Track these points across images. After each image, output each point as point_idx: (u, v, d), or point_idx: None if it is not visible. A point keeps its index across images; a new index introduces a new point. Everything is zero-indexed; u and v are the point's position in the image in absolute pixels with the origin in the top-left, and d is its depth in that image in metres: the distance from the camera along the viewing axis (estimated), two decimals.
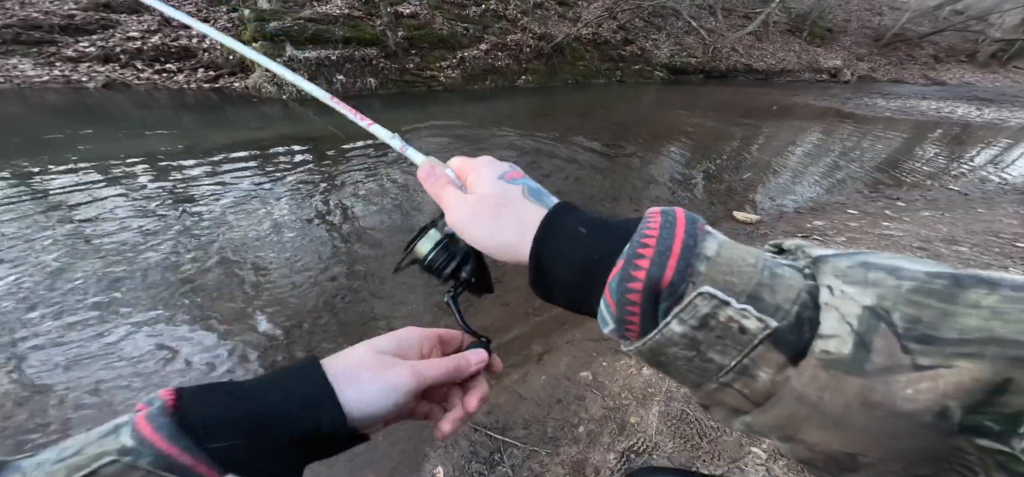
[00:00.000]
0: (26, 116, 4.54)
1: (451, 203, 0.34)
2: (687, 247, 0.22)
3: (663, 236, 0.23)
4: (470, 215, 0.32)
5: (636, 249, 0.23)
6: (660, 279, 0.22)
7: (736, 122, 7.01)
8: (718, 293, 0.20)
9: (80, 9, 6.20)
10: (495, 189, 0.32)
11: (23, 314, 1.86)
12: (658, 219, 0.24)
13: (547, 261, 0.28)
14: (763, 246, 0.25)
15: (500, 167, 0.34)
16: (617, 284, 0.23)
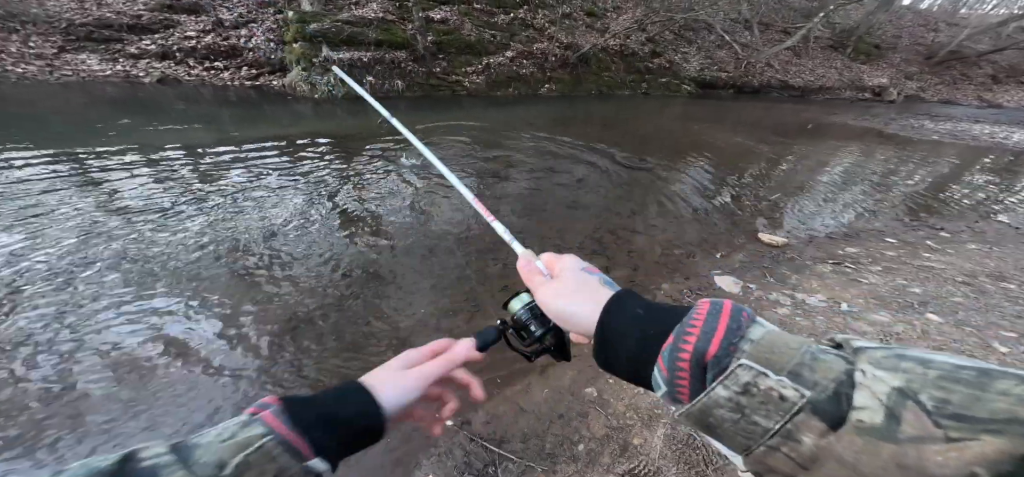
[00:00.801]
0: (87, 106, 5.01)
1: (540, 285, 0.42)
2: (730, 330, 0.27)
3: (709, 320, 0.28)
4: (555, 293, 0.39)
5: (685, 328, 0.29)
6: (705, 352, 0.27)
7: (766, 140, 6.73)
8: (756, 366, 0.25)
9: (147, 9, 6.81)
10: (578, 278, 0.40)
11: (51, 283, 2.03)
12: (706, 307, 0.29)
13: (609, 334, 0.34)
14: (823, 339, 0.29)
15: (580, 262, 0.43)
16: (668, 354, 0.29)
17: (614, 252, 2.84)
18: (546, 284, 0.41)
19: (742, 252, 3.01)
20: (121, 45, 6.44)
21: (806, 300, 2.25)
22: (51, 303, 1.92)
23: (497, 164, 4.33)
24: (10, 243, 2.27)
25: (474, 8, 9.16)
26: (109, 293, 2.00)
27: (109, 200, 2.82)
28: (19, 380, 1.58)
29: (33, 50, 5.87)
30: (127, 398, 1.56)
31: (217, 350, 1.77)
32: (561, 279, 0.41)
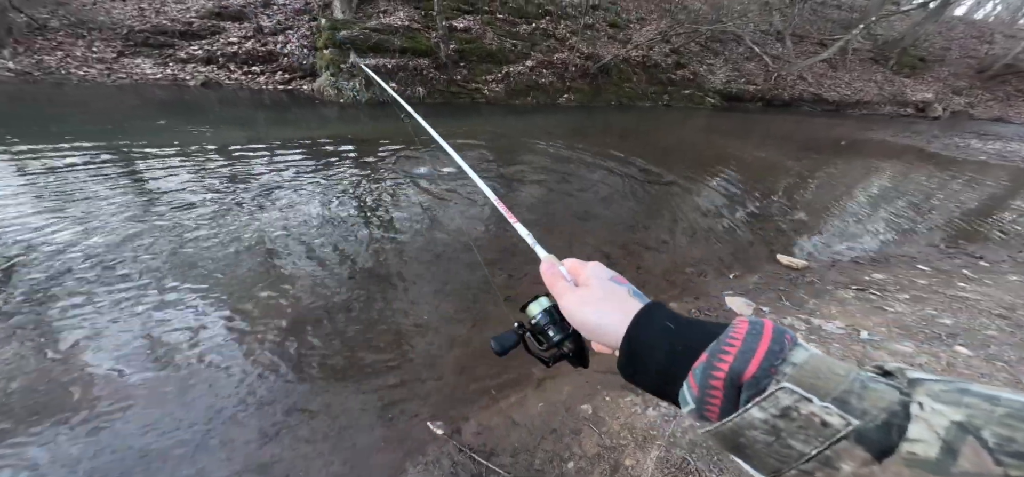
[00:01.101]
0: (139, 107, 5.46)
1: (565, 292, 0.41)
2: (771, 352, 0.26)
3: (748, 340, 0.27)
4: (581, 301, 0.39)
5: (721, 346, 0.28)
6: (742, 373, 0.26)
7: (795, 156, 6.46)
8: (798, 390, 0.24)
9: (198, 17, 7.37)
10: (606, 287, 0.39)
11: (88, 268, 2.22)
12: (744, 327, 0.29)
13: (638, 347, 0.33)
14: (869, 365, 0.28)
15: (608, 271, 0.42)
16: (701, 371, 0.28)
17: (623, 266, 2.81)
18: (571, 292, 0.40)
19: (758, 273, 2.90)
20: (172, 50, 6.98)
21: (823, 326, 2.14)
22: (84, 285, 2.08)
23: (510, 171, 4.38)
24: (53, 228, 2.50)
25: (497, 18, 9.34)
26: (138, 279, 2.16)
27: (147, 193, 3.06)
28: (45, 356, 1.74)
29: (95, 54, 6.47)
30: (146, 376, 1.68)
31: (232, 338, 1.87)
32: (588, 288, 0.39)
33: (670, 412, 1.66)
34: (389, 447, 1.47)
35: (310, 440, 1.47)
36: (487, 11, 9.29)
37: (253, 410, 1.55)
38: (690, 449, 1.46)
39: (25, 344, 1.71)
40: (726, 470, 1.37)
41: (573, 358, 0.46)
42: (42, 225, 2.46)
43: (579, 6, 10.43)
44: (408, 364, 1.82)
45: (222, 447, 1.42)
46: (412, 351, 1.89)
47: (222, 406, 1.56)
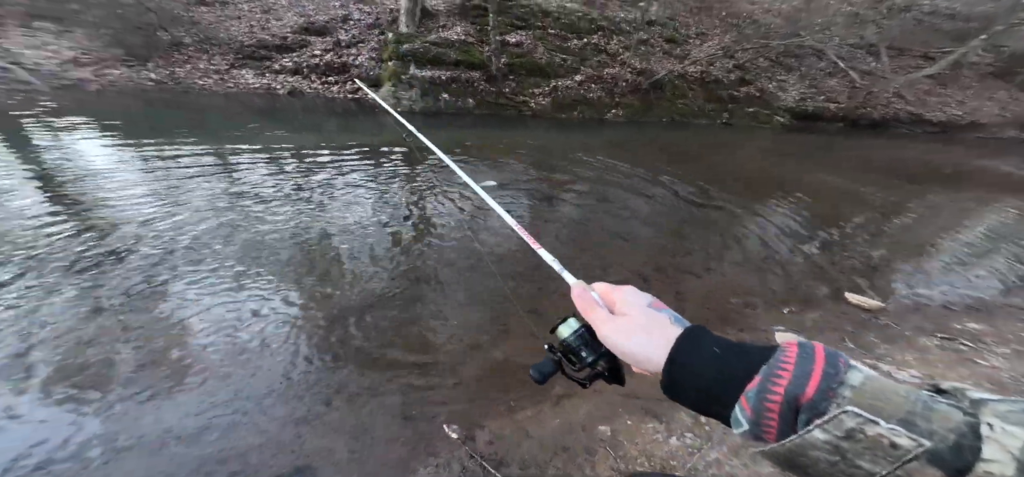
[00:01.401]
0: (241, 112, 6.48)
1: (602, 321, 0.41)
2: (827, 375, 0.27)
3: (801, 363, 0.28)
4: (624, 332, 0.38)
5: (774, 370, 0.29)
6: (799, 395, 0.27)
7: (881, 184, 5.63)
8: (863, 413, 0.24)
9: (291, 32, 8.59)
10: (646, 316, 0.39)
11: (182, 249, 2.64)
12: (794, 350, 0.29)
13: (681, 370, 0.34)
14: (924, 385, 0.29)
15: (645, 297, 0.41)
16: (755, 395, 0.29)
17: (659, 291, 2.65)
18: (610, 320, 0.40)
19: (819, 311, 2.59)
20: (269, 62, 8.19)
21: (893, 373, 1.86)
22: (178, 265, 2.48)
23: (547, 186, 4.38)
24: (160, 213, 3.02)
25: (548, 33, 9.54)
26: (219, 262, 2.51)
27: (233, 186, 3.59)
28: (147, 326, 2.10)
29: (213, 67, 7.82)
30: (217, 349, 1.95)
31: (285, 324, 2.06)
32: (628, 316, 0.39)
33: (695, 444, 1.56)
34: (404, 443, 1.53)
35: (336, 428, 1.58)
36: (539, 26, 9.55)
37: (292, 391, 1.71)
38: None
39: (129, 317, 2.04)
40: None
41: (609, 377, 0.45)
42: (152, 211, 3.01)
43: (634, 22, 10.26)
44: (432, 366, 1.89)
45: (265, 421, 1.59)
46: (437, 354, 1.96)
47: (269, 384, 1.73)
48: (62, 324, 1.92)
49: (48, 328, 1.90)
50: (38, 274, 2.21)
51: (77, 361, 1.75)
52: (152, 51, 7.55)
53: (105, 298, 2.10)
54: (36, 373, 1.69)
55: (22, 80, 6.21)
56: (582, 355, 0.45)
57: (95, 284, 2.19)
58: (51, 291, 2.10)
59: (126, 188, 3.28)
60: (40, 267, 2.26)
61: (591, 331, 0.44)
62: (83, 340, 1.85)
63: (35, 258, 2.33)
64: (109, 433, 1.48)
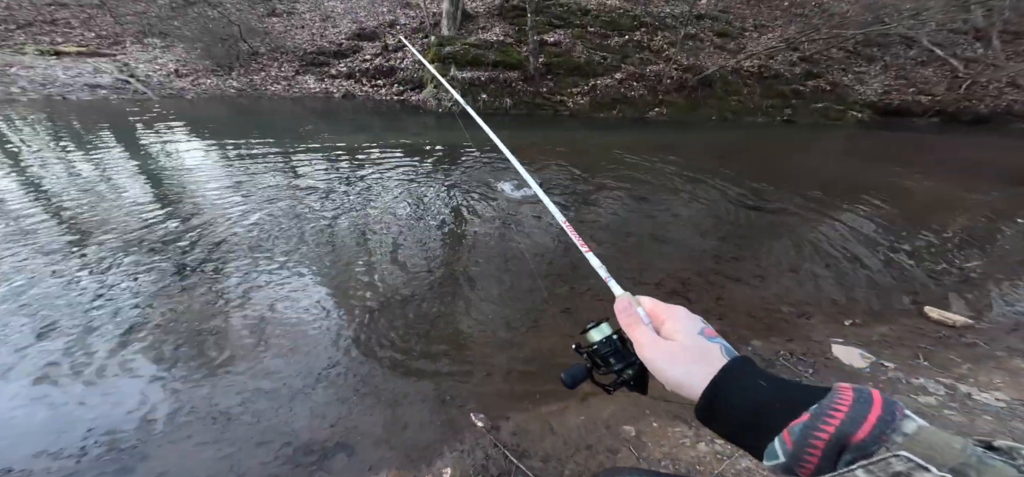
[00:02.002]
0: (301, 114, 7.16)
1: (646, 342, 0.39)
2: (883, 421, 0.27)
3: (857, 407, 0.28)
4: (668, 357, 0.37)
5: (826, 409, 0.28)
6: (850, 435, 0.27)
7: (983, 187, 4.78)
8: (916, 459, 0.24)
9: (346, 39, 9.37)
10: (697, 344, 0.37)
11: (246, 239, 2.95)
12: (850, 394, 0.29)
13: (722, 396, 0.34)
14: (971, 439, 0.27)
15: (697, 322, 0.40)
16: (801, 430, 0.29)
17: (698, 295, 2.51)
18: (655, 343, 0.39)
19: (889, 325, 2.27)
20: (327, 68, 8.98)
21: (973, 395, 1.58)
22: (241, 253, 2.80)
23: (583, 187, 4.28)
24: (229, 206, 3.41)
25: (587, 31, 9.35)
26: (278, 252, 2.77)
27: (293, 182, 3.97)
28: (215, 306, 2.37)
29: (282, 74, 8.75)
30: (274, 331, 2.16)
31: (333, 310, 2.22)
32: (678, 344, 0.38)
33: (724, 452, 1.44)
34: (434, 427, 1.60)
35: (373, 410, 1.68)
36: (578, 25, 9.39)
37: (336, 374, 1.84)
38: None
39: (200, 296, 2.31)
40: None
41: (633, 385, 0.45)
42: (222, 202, 3.40)
43: (681, 17, 9.69)
44: (464, 356, 1.95)
45: (312, 399, 1.72)
46: (469, 345, 2.03)
47: (317, 366, 1.87)
48: (131, 301, 2.21)
49: (129, 304, 2.22)
50: (132, 253, 2.61)
51: (144, 335, 1.99)
52: (234, 61, 8.64)
53: (174, 280, 2.39)
54: (127, 342, 1.96)
55: (138, 90, 7.44)
56: (611, 362, 0.45)
57: (165, 264, 2.51)
58: (135, 269, 2.45)
59: (212, 184, 3.76)
60: (136, 247, 2.67)
61: (623, 340, 0.44)
62: (151, 317, 2.09)
63: (134, 241, 2.75)
64: (175, 403, 1.66)
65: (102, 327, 1.99)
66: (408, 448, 1.52)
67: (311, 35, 9.54)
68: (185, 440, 1.51)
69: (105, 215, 3.04)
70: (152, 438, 1.52)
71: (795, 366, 1.89)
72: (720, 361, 0.35)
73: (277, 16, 9.94)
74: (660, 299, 0.43)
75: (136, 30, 9.05)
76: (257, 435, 1.54)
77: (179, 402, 1.66)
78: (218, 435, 1.53)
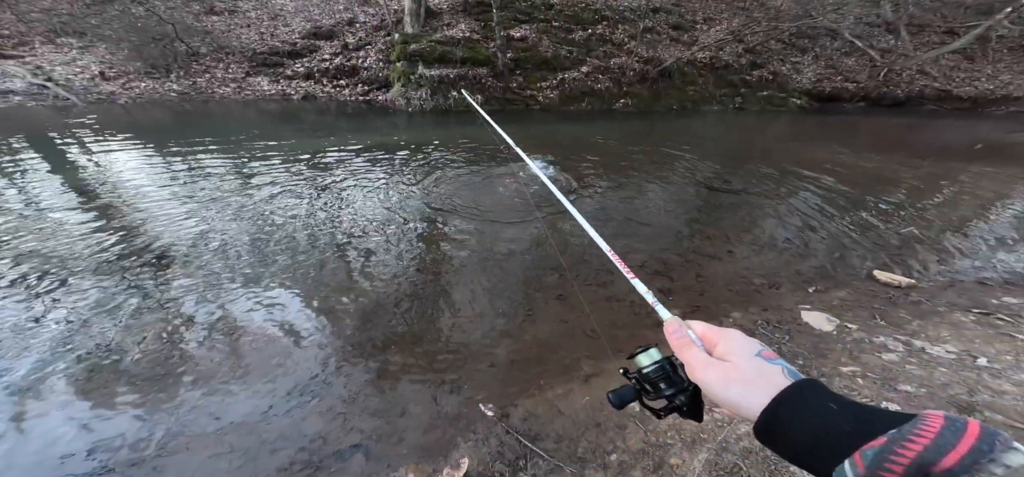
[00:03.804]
0: (257, 118, 6.65)
1: (698, 363, 0.39)
2: (978, 451, 0.25)
3: (944, 435, 0.26)
4: (724, 380, 0.36)
5: (907, 435, 0.27)
6: (934, 463, 0.25)
7: (908, 163, 5.44)
8: None
9: (300, 38, 8.78)
10: (755, 365, 0.36)
11: (215, 255, 2.75)
12: (940, 422, 0.27)
13: (789, 414, 0.32)
14: None
15: (754, 344, 0.38)
16: (874, 454, 0.27)
17: (679, 274, 2.66)
18: (710, 366, 0.38)
19: (846, 289, 2.54)
20: (282, 68, 8.38)
21: (927, 349, 1.82)
22: (212, 269, 2.60)
23: (559, 177, 4.38)
24: (191, 221, 3.15)
25: (552, 26, 9.48)
26: (234, 261, 2.62)
27: (256, 191, 3.70)
28: (187, 327, 2.20)
29: (230, 75, 8.05)
30: (227, 348, 2.06)
31: (317, 319, 2.13)
32: (734, 366, 0.37)
33: (725, 418, 1.56)
34: (444, 421, 1.61)
35: (383, 410, 1.66)
36: (543, 19, 9.50)
37: (341, 378, 1.80)
38: (743, 455, 1.36)
39: (168, 315, 2.15)
40: None
41: (686, 411, 0.44)
42: (183, 218, 3.13)
43: (638, 10, 10.11)
44: (465, 351, 1.96)
45: (320, 405, 1.67)
46: (470, 339, 2.04)
47: (321, 373, 1.82)
48: (118, 326, 2.02)
49: (100, 328, 2.00)
50: (78, 277, 2.33)
51: (139, 361, 1.85)
52: (171, 62, 7.82)
53: (149, 301, 2.20)
54: (107, 373, 1.78)
55: (60, 96, 6.52)
56: (661, 387, 0.44)
57: (137, 287, 2.30)
58: (93, 297, 2.20)
59: (162, 198, 3.41)
60: (82, 272, 2.38)
61: (673, 365, 0.44)
62: (146, 338, 1.95)
63: (71, 264, 2.45)
64: (179, 422, 1.58)
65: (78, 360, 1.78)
66: (423, 443, 1.53)
67: (260, 34, 8.85)
68: (200, 452, 1.47)
69: (38, 241, 2.67)
70: (164, 452, 1.47)
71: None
72: (783, 381, 0.34)
73: (217, 14, 9.11)
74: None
75: (45, 29, 7.89)
76: (269, 443, 1.50)
77: (186, 414, 1.60)
78: (230, 447, 1.49)
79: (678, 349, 0.42)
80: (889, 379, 1.65)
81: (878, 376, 1.68)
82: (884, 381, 1.64)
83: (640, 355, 0.46)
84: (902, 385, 1.62)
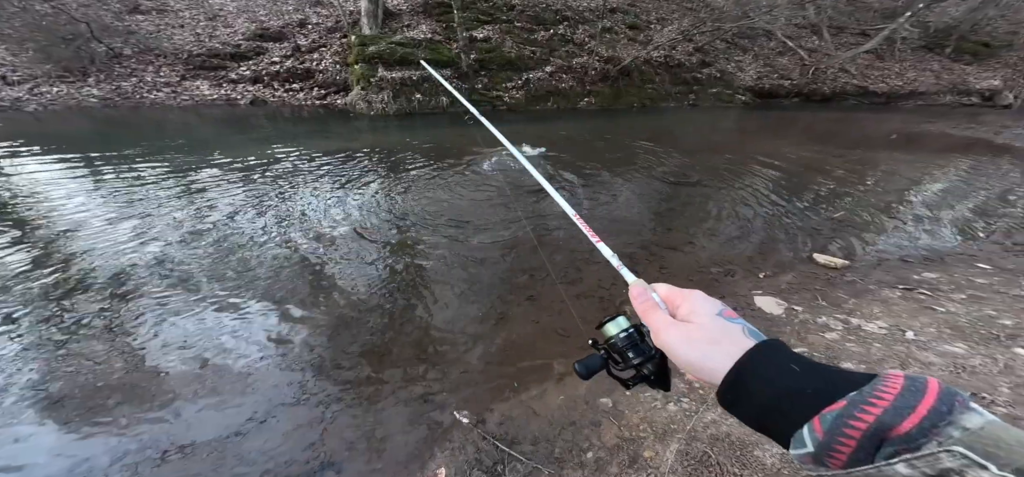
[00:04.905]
0: (198, 125, 6.08)
1: (662, 326, 0.38)
2: (937, 412, 0.24)
3: (904, 396, 0.25)
4: (686, 340, 0.35)
5: (867, 398, 0.26)
6: (892, 426, 0.24)
7: (837, 153, 6.04)
8: (974, 456, 0.21)
9: (244, 40, 8.12)
10: (716, 325, 0.35)
11: (157, 272, 2.50)
12: (900, 382, 0.26)
13: (749, 378, 0.31)
14: None
15: (716, 304, 0.38)
16: (833, 418, 0.26)
17: (644, 267, 2.78)
18: (673, 327, 0.37)
19: (791, 273, 2.77)
20: (225, 72, 7.71)
21: (862, 326, 2.02)
22: (156, 287, 2.35)
23: (528, 176, 4.46)
24: (128, 238, 2.83)
25: (515, 26, 9.53)
26: (184, 282, 2.40)
27: (200, 201, 3.40)
28: (126, 352, 1.98)
29: (163, 79, 7.28)
30: (190, 371, 1.88)
31: (281, 337, 2.04)
32: (697, 325, 0.36)
33: (692, 408, 1.63)
34: (419, 432, 1.57)
35: (354, 425, 1.60)
36: (505, 20, 9.52)
37: (309, 396, 1.71)
38: (712, 443, 1.43)
39: (104, 341, 1.95)
40: (748, 465, 1.33)
41: (654, 381, 0.43)
42: (122, 237, 2.81)
43: (597, 10, 10.43)
44: (438, 359, 1.92)
45: (287, 425, 1.58)
46: (440, 347, 2.00)
47: (287, 392, 1.72)
48: (56, 356, 1.76)
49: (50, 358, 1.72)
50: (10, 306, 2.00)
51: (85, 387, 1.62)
52: (88, 65, 6.93)
53: (98, 327, 1.95)
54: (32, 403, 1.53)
55: None
56: (629, 356, 0.43)
57: (69, 312, 2.02)
58: (24, 326, 1.90)
59: (85, 214, 3.03)
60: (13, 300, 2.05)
61: (640, 333, 0.43)
62: (95, 367, 1.74)
63: None
64: (148, 446, 1.49)
65: None
66: (398, 456, 1.49)
67: (196, 35, 8.08)
68: None
69: None
70: None
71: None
72: (744, 341, 0.33)
73: (143, 13, 8.21)
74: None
75: None
76: (236, 466, 1.43)
77: (151, 448, 1.49)
78: (195, 472, 1.40)
79: (643, 313, 0.40)
80: (832, 358, 1.82)
81: (823, 356, 1.84)
82: (828, 360, 1.80)
83: (608, 324, 0.45)
84: (844, 363, 1.79)
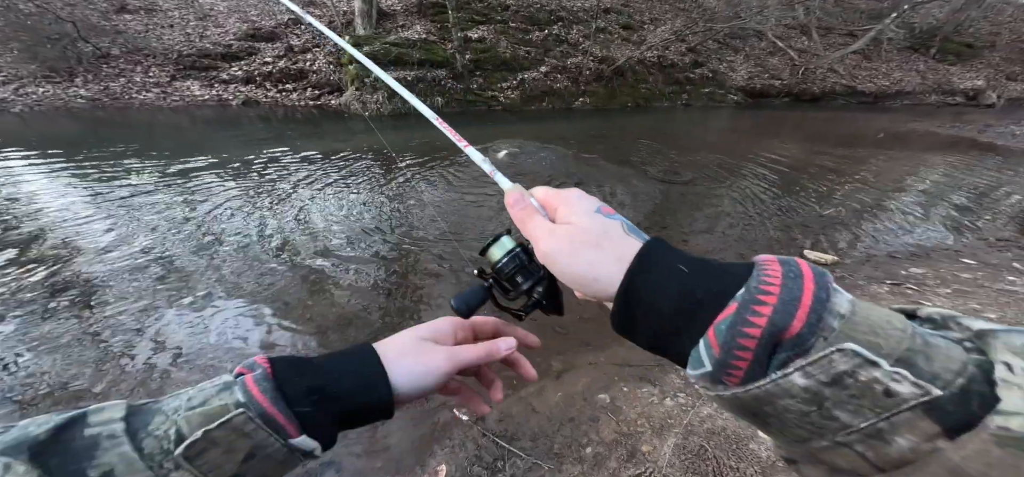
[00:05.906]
0: (189, 128, 5.99)
1: (542, 233, 0.32)
2: (818, 300, 0.20)
3: (788, 286, 0.21)
4: (568, 245, 0.30)
5: (755, 295, 0.21)
6: (785, 329, 0.20)
7: (826, 151, 6.16)
8: (865, 352, 0.19)
9: (236, 40, 8.02)
10: (594, 223, 0.30)
11: (134, 269, 2.47)
12: (778, 268, 0.22)
13: (639, 295, 0.26)
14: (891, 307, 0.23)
15: (593, 201, 0.33)
16: (727, 328, 0.22)
17: None
18: (552, 233, 0.31)
19: None
20: (216, 72, 7.61)
21: None
22: (130, 285, 2.33)
23: (523, 179, 4.47)
24: (105, 236, 2.79)
25: (510, 27, 9.55)
26: (178, 282, 2.39)
27: (193, 204, 3.36)
28: (81, 346, 1.95)
29: (152, 79, 7.16)
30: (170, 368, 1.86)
31: (267, 338, 2.04)
32: (573, 225, 0.30)
33: (688, 403, 1.66)
34: (418, 430, 1.58)
35: None
36: (500, 20, 9.53)
37: None
38: (708, 437, 1.46)
39: (85, 341, 1.93)
40: (744, 458, 1.36)
41: (546, 305, 0.38)
42: (112, 241, 2.77)
43: (591, 10, 10.50)
44: None
45: None
46: None
47: None
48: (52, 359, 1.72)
49: None
50: None
51: None
52: (75, 65, 6.80)
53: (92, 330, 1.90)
54: None
55: None
56: (517, 281, 0.37)
57: (62, 317, 1.97)
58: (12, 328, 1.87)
59: (73, 215, 2.98)
60: None
61: (528, 252, 0.38)
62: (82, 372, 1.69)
63: None
64: None
65: None
66: (398, 454, 1.49)
67: (186, 35, 7.97)
68: None
69: None
70: None
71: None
72: (626, 241, 0.28)
73: (131, 13, 8.07)
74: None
75: None
76: None
77: None
78: None
79: (521, 223, 0.34)
80: None
81: None
82: None
83: (492, 247, 0.38)
84: None
